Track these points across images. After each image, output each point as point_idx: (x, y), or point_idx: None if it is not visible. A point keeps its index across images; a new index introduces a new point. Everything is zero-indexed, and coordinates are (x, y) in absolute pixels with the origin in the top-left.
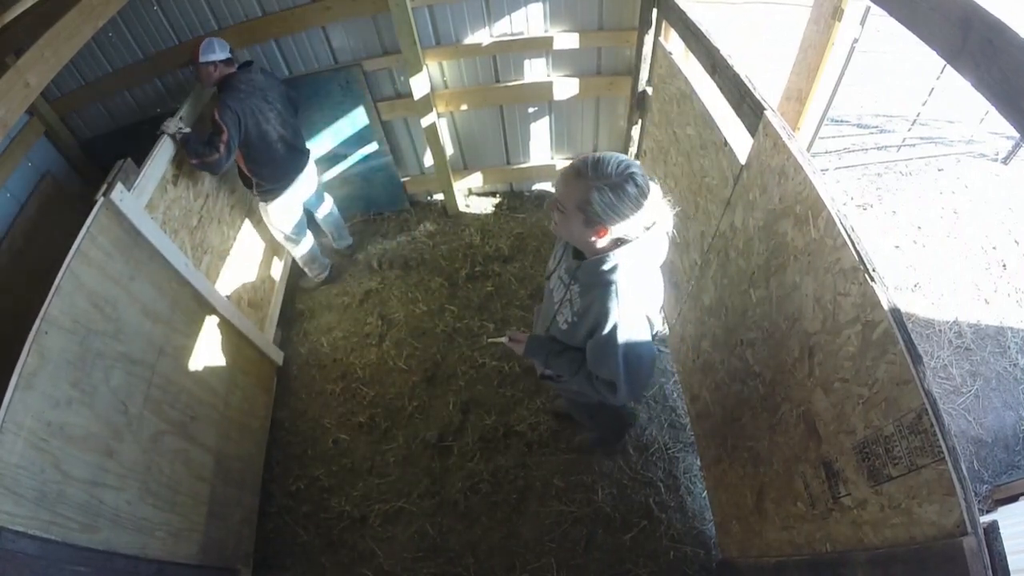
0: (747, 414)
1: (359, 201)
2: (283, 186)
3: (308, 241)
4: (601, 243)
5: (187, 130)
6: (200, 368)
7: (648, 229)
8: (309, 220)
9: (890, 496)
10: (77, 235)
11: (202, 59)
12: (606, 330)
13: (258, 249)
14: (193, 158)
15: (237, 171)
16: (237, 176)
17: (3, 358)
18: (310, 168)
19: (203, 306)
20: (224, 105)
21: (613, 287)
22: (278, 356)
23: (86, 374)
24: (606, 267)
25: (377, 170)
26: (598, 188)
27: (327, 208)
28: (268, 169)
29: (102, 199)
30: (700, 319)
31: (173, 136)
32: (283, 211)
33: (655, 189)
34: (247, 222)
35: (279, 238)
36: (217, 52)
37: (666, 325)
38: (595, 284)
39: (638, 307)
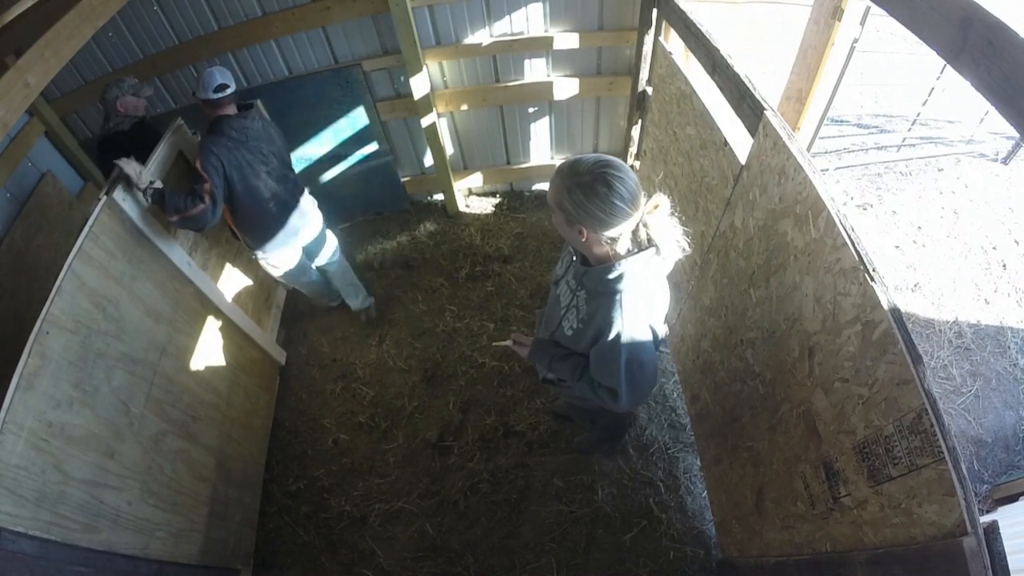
0: (747, 414)
1: (359, 201)
2: (272, 248)
3: (313, 279)
4: (596, 248)
5: (158, 184)
6: (202, 368)
7: (645, 241)
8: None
9: (890, 496)
10: (76, 235)
11: (201, 95)
12: (610, 338)
13: None
14: (172, 214)
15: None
16: None
17: (3, 358)
18: (312, 222)
19: (206, 305)
20: (206, 150)
21: (618, 296)
22: (281, 356)
23: (87, 374)
24: (612, 275)
25: (377, 170)
26: (568, 187)
27: (329, 252)
28: (256, 229)
29: (104, 198)
30: (700, 319)
31: (144, 192)
32: (276, 262)
33: (663, 202)
34: None
35: (276, 277)
36: (217, 80)
37: (666, 325)
38: (601, 292)
39: (643, 316)
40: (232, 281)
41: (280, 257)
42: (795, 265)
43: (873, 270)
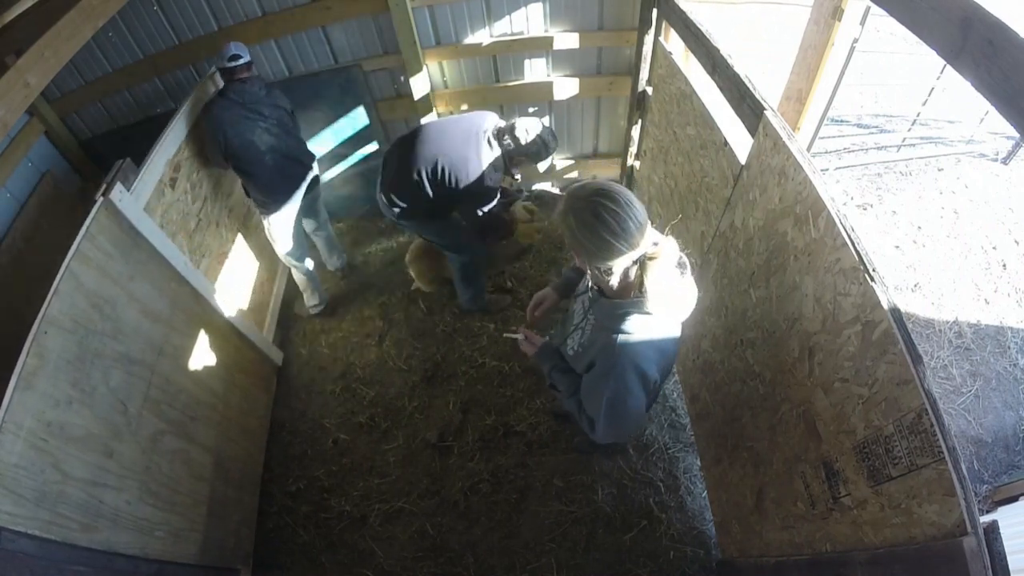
0: (747, 414)
1: (359, 201)
2: (277, 200)
3: (309, 265)
4: (595, 276)
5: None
6: (199, 368)
7: (636, 285)
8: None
9: (890, 496)
10: (76, 235)
11: (217, 63)
12: (599, 374)
13: (257, 251)
14: None
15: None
16: (235, 180)
17: (4, 358)
18: (310, 173)
19: (202, 306)
20: (205, 108)
21: (618, 336)
22: (278, 356)
23: (85, 374)
24: (619, 313)
25: (378, 170)
26: (566, 210)
27: (321, 216)
28: (256, 181)
29: (101, 199)
30: (700, 319)
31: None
32: (282, 226)
33: (668, 251)
34: (245, 225)
35: (280, 255)
36: (231, 51)
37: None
38: (604, 327)
39: (636, 362)
40: (229, 283)
41: (282, 222)
42: (795, 265)
43: (873, 270)
